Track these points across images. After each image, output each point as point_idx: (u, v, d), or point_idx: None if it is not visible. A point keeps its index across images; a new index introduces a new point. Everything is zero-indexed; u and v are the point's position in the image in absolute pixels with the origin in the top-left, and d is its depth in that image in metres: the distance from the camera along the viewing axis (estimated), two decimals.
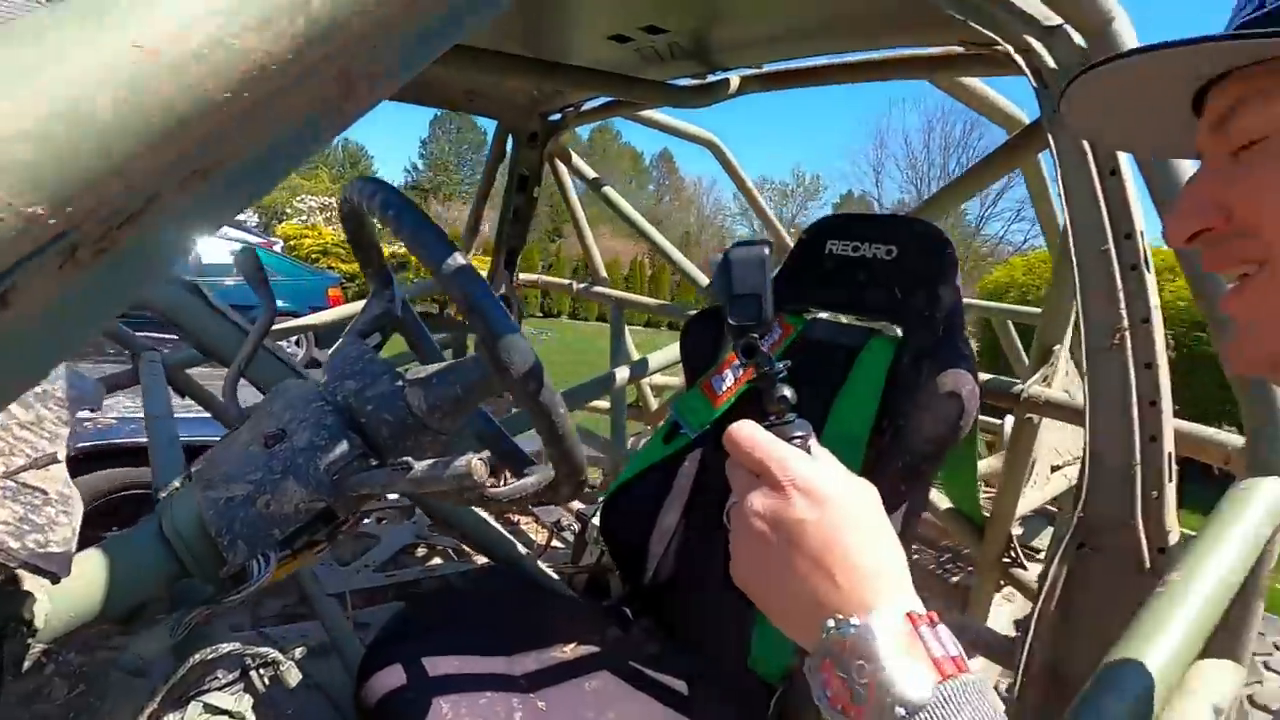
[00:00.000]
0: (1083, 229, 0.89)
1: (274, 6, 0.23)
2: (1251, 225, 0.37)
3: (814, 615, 0.39)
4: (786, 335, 1.27)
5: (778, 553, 0.41)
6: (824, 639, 0.37)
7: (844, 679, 0.36)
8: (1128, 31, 0.84)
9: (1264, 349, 0.39)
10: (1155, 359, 0.87)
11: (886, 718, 0.34)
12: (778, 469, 0.42)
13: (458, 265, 0.59)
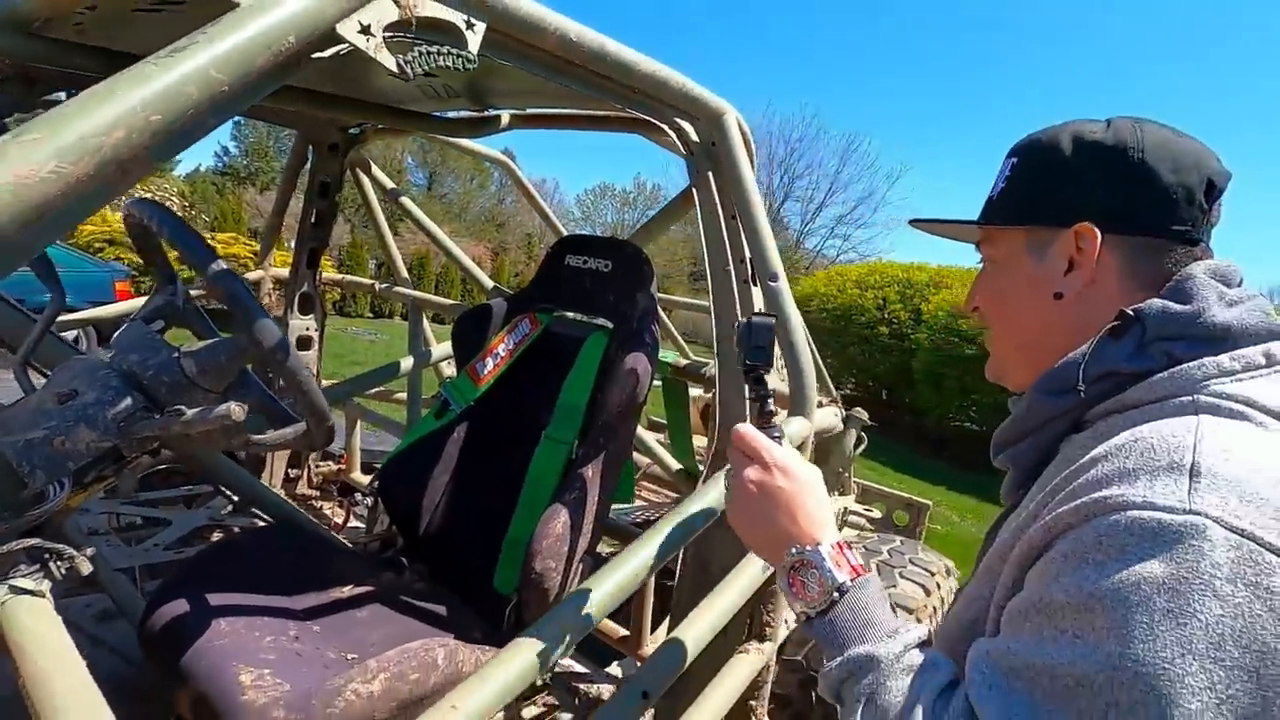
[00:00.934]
0: (714, 254, 1.29)
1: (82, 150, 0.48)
2: (981, 308, 0.75)
3: (782, 544, 0.67)
4: (535, 329, 1.59)
5: (760, 506, 0.69)
6: (789, 558, 0.66)
7: (802, 581, 0.64)
8: (733, 120, 1.24)
9: (992, 371, 0.76)
10: None
11: (826, 598, 0.62)
12: (765, 454, 0.71)
13: (221, 269, 0.83)
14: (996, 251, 0.73)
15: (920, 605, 1.99)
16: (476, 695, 0.69)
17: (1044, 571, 0.53)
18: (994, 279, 0.74)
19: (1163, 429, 0.54)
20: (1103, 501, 0.50)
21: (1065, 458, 0.62)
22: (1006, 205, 0.71)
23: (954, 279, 10.73)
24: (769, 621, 1.23)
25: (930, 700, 0.56)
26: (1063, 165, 0.67)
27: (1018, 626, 0.53)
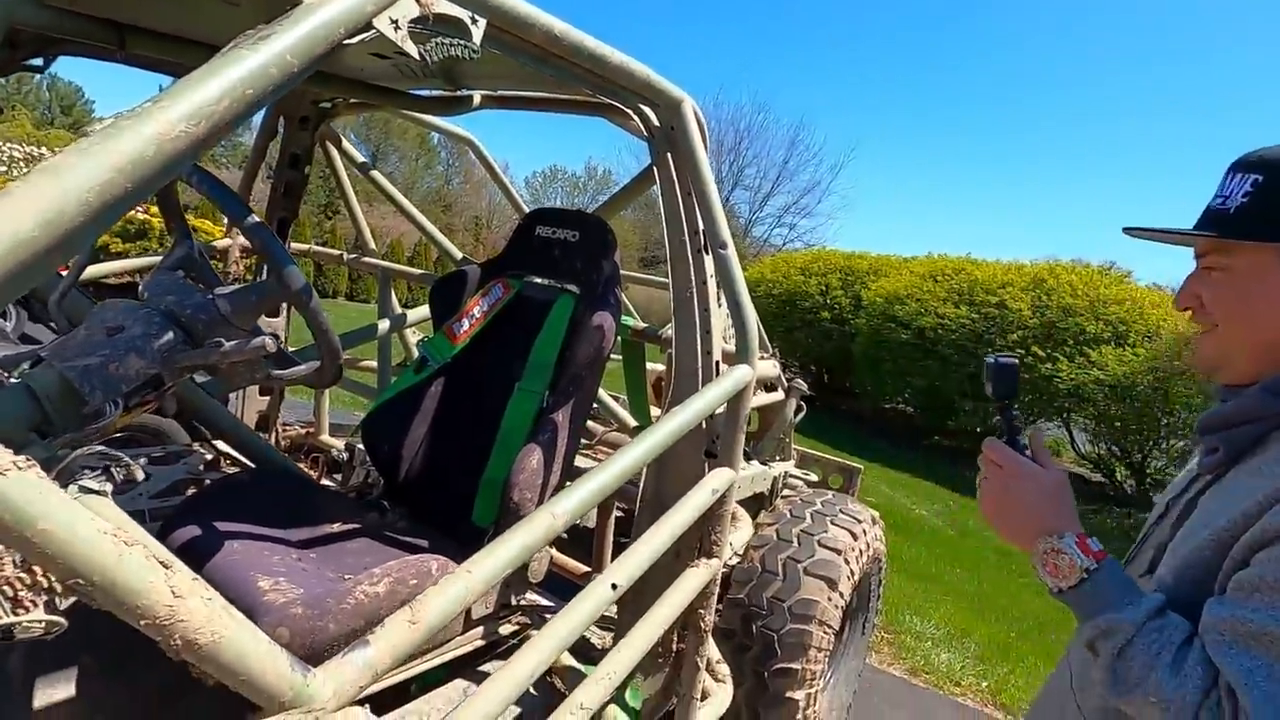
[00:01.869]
0: (672, 226, 1.47)
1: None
2: (1208, 310, 0.85)
3: (1034, 535, 0.84)
4: (508, 293, 1.74)
5: (1012, 506, 0.88)
6: (1043, 543, 0.83)
7: (1055, 563, 0.81)
8: (690, 108, 1.42)
9: (1209, 363, 0.87)
10: (709, 306, 1.47)
11: (1076, 576, 0.79)
12: (1016, 465, 0.89)
13: (254, 221, 0.96)
14: (1235, 262, 0.82)
15: (848, 547, 2.24)
16: (434, 605, 0.79)
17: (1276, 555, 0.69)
18: (1231, 286, 0.83)
19: None
20: None
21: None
22: (1256, 222, 0.79)
23: (891, 268, 11.23)
24: (716, 541, 1.43)
25: (1171, 654, 0.73)
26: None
27: (1249, 597, 0.69)
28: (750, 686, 2.09)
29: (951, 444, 9.98)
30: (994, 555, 5.55)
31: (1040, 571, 0.85)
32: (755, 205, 30.14)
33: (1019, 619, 4.24)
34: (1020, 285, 9.00)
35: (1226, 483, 0.83)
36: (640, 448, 1.12)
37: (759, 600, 2.12)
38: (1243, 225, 0.80)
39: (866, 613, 2.68)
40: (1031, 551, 0.86)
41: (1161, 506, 0.97)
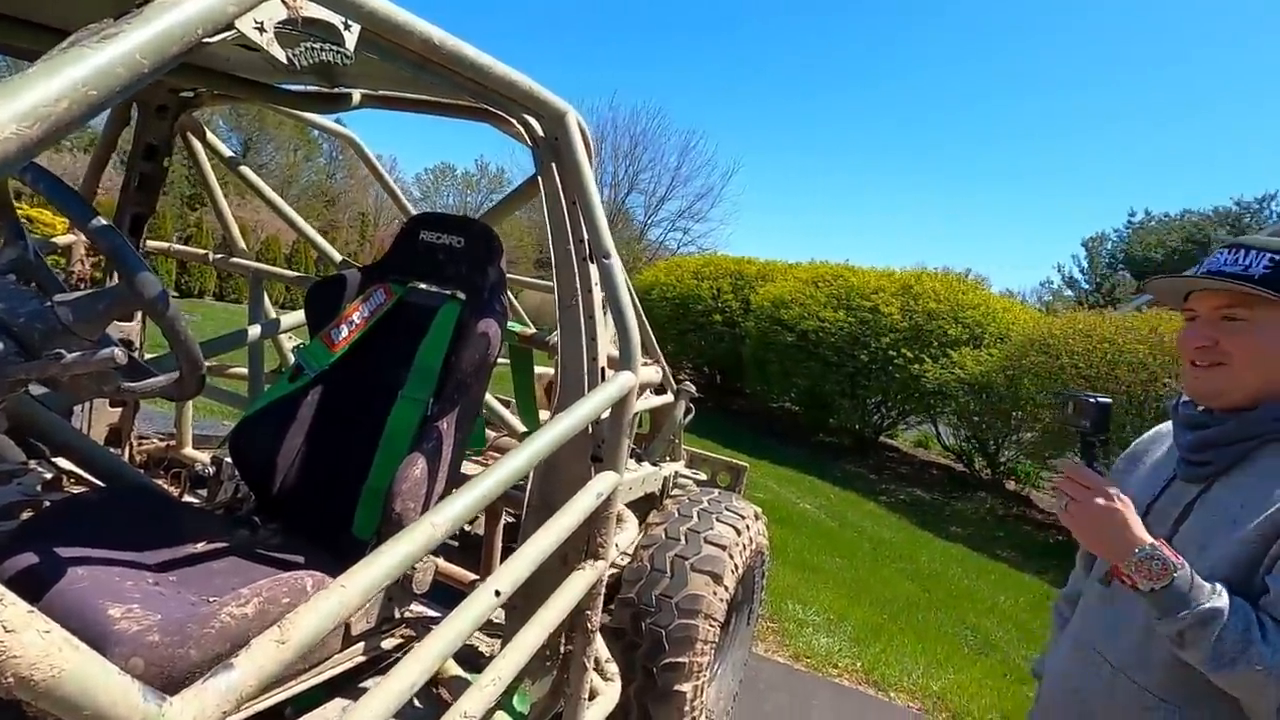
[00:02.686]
0: (557, 235, 1.49)
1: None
2: (1224, 350, 1.05)
3: (1129, 546, 1.00)
4: (390, 299, 1.70)
5: (1100, 520, 1.04)
6: (1137, 554, 0.99)
7: (1149, 569, 0.97)
8: (573, 120, 1.45)
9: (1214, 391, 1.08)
10: (594, 314, 1.50)
11: (1168, 577, 0.95)
12: (1102, 485, 1.06)
13: (101, 224, 0.90)
14: (1254, 315, 1.04)
15: (733, 542, 2.34)
16: (305, 624, 0.75)
17: None
18: (1248, 334, 1.05)
19: None
20: None
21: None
22: (1276, 285, 1.01)
23: (778, 273, 11.75)
24: (601, 543, 1.47)
25: (1257, 630, 0.93)
26: None
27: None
28: (640, 683, 2.14)
29: (833, 441, 10.58)
30: (868, 544, 5.94)
31: (1135, 577, 1.00)
32: (650, 209, 30.60)
33: (890, 601, 4.57)
34: (891, 291, 9.68)
35: (1221, 491, 1.07)
36: (524, 454, 1.14)
37: (648, 598, 2.18)
38: (1270, 284, 1.02)
39: (751, 604, 2.81)
40: (1126, 560, 1.01)
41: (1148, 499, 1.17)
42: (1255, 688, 0.94)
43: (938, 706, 3.29)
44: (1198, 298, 1.11)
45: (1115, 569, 1.04)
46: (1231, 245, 1.08)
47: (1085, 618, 1.26)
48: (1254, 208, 28.27)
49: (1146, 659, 1.09)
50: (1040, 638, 4.56)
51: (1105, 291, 29.47)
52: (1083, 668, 1.20)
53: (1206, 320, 1.09)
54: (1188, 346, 1.11)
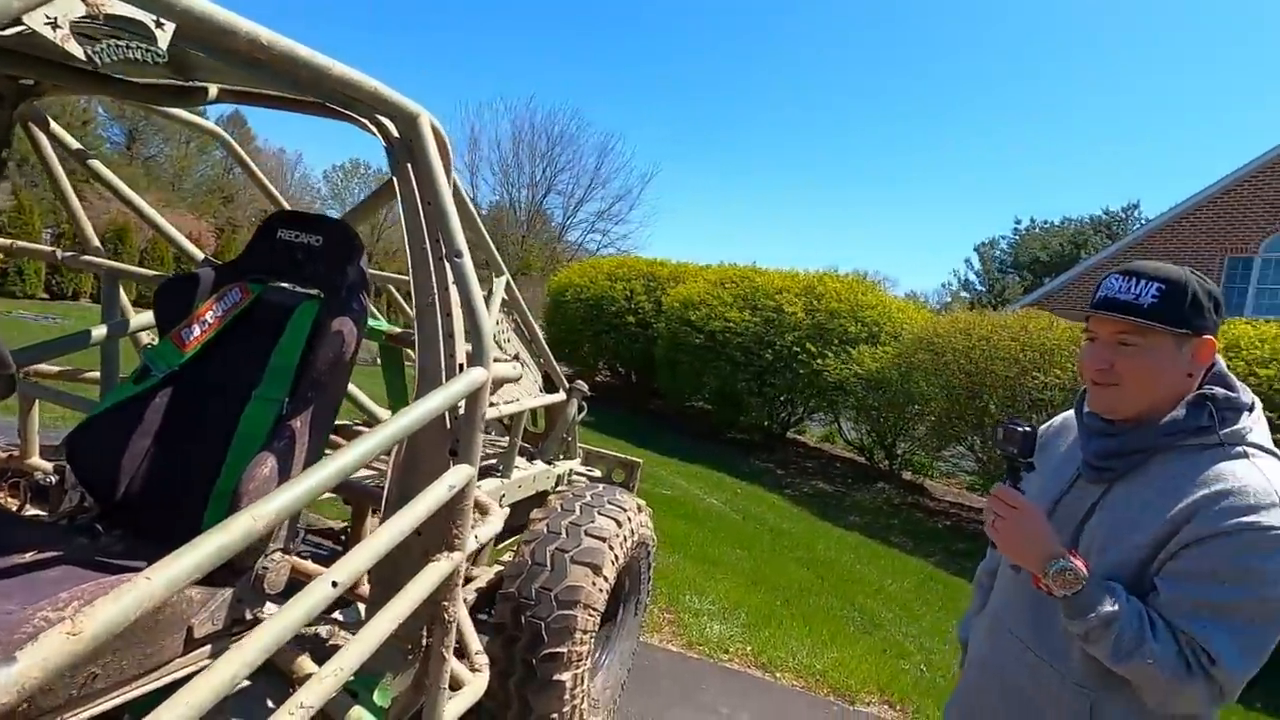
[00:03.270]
0: (413, 234, 1.52)
1: None
2: (1118, 372, 1.19)
3: (1046, 558, 1.15)
4: (246, 297, 1.67)
5: (1027, 539, 1.18)
6: (1053, 566, 1.14)
7: (1065, 578, 1.13)
8: (426, 122, 1.48)
9: (1110, 406, 1.23)
10: (451, 311, 1.53)
11: (1079, 584, 1.12)
12: (1023, 504, 1.21)
13: None
14: (1144, 340, 1.18)
15: (613, 535, 2.42)
16: (101, 616, 0.73)
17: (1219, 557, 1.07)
18: (1139, 357, 1.18)
19: (1251, 474, 1.10)
20: (1253, 525, 1.06)
21: (1172, 472, 1.16)
22: (1162, 315, 1.15)
23: (688, 275, 11.99)
24: (457, 535, 1.50)
25: (1149, 628, 1.09)
26: (1195, 298, 1.16)
27: (1187, 580, 1.10)
28: (520, 674, 2.18)
29: (744, 438, 10.90)
30: (768, 535, 6.18)
31: (1052, 585, 1.15)
32: (569, 211, 30.55)
33: (784, 588, 4.78)
34: (795, 291, 10.08)
35: (1120, 496, 1.22)
36: (362, 445, 1.16)
37: (528, 592, 2.23)
38: (1155, 316, 1.16)
39: (639, 595, 2.90)
40: (1043, 571, 1.16)
41: (1056, 494, 1.32)
42: (1147, 678, 1.11)
43: (820, 683, 3.49)
44: (1097, 321, 1.24)
45: (1035, 578, 1.18)
46: (1125, 272, 1.21)
47: (1004, 596, 1.39)
48: (1121, 216, 31.07)
49: (1065, 649, 1.23)
50: (921, 616, 4.89)
51: (997, 293, 31.63)
52: (1005, 653, 1.34)
53: (1104, 343, 1.23)
54: (1089, 367, 1.25)
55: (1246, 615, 1.07)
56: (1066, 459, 1.36)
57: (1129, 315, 1.17)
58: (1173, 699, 1.12)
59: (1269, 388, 5.39)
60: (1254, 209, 13.24)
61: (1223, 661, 1.06)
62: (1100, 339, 1.24)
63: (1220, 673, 1.07)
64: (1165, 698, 1.13)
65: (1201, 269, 9.52)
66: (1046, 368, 6.88)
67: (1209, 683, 1.08)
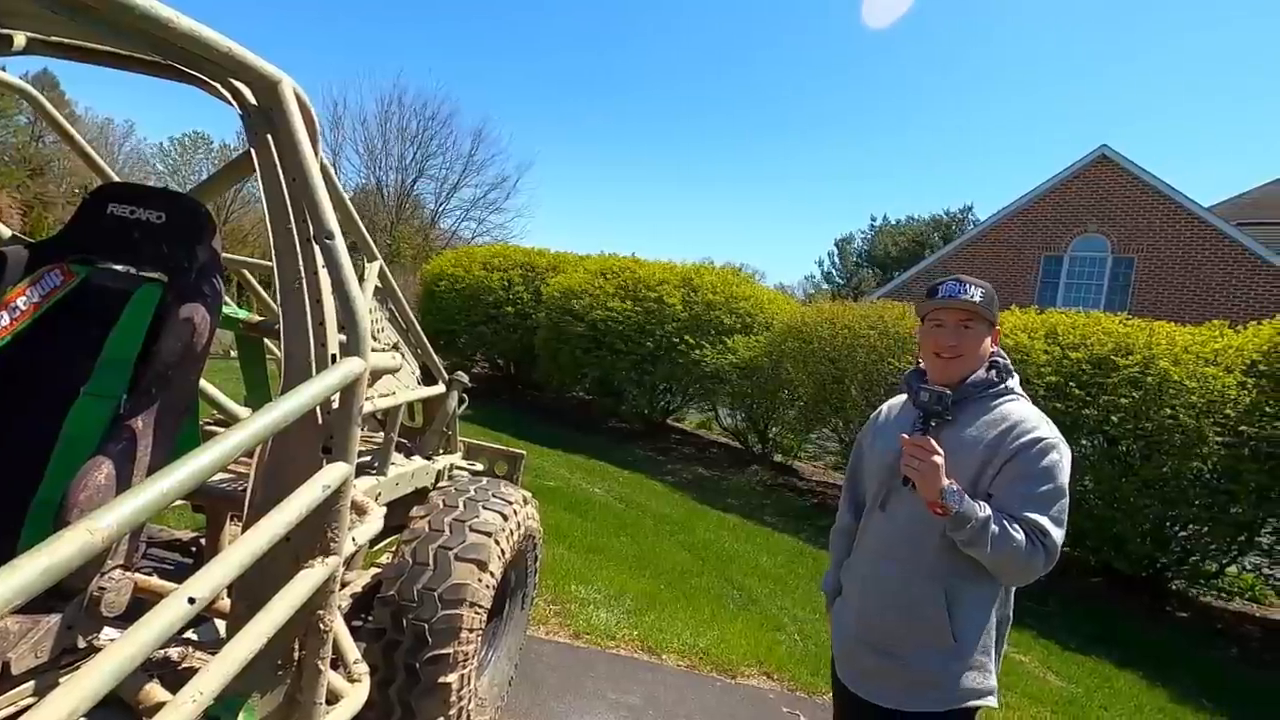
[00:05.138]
0: (275, 214, 1.39)
1: None
2: (963, 348, 1.69)
3: (940, 488, 1.55)
4: (69, 280, 1.46)
5: (935, 472, 1.56)
6: (949, 492, 1.54)
7: (955, 499, 1.54)
8: (289, 89, 1.36)
9: (951, 375, 1.71)
10: (321, 297, 1.42)
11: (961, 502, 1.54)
12: (933, 448, 1.58)
13: None
14: (975, 326, 1.69)
15: (499, 529, 2.36)
16: None
17: (1027, 464, 1.58)
18: (972, 338, 1.69)
19: (1027, 409, 1.66)
20: (1041, 438, 1.59)
21: (988, 417, 1.65)
22: (985, 309, 1.67)
23: (568, 264, 11.92)
24: (334, 539, 1.40)
25: (1008, 526, 1.53)
26: (993, 300, 1.70)
27: (1025, 483, 1.57)
28: (402, 681, 2.08)
29: (623, 426, 11.02)
30: (651, 521, 6.30)
31: (949, 504, 1.53)
32: (442, 197, 29.38)
33: (666, 572, 4.90)
34: (674, 283, 10.29)
35: (946, 438, 1.64)
36: (222, 444, 1.05)
37: (409, 594, 2.12)
38: (983, 310, 1.68)
39: (525, 588, 2.85)
40: (942, 495, 1.54)
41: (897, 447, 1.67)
42: (1010, 559, 1.53)
43: (703, 661, 3.61)
44: (943, 312, 1.72)
45: (932, 503, 1.56)
46: (956, 279, 1.71)
47: (874, 537, 1.80)
48: (958, 216, 34.38)
49: (925, 557, 1.66)
50: (794, 589, 5.18)
51: (854, 285, 34.01)
52: (882, 567, 1.75)
53: (951, 328, 1.70)
54: (940, 344, 1.71)
55: (1053, 498, 1.57)
56: (901, 421, 1.82)
57: (968, 307, 1.68)
58: (1025, 573, 1.57)
59: (1078, 368, 6.18)
60: (1064, 213, 15.11)
61: (1051, 534, 1.54)
62: (947, 325, 1.71)
63: (1050, 541, 1.54)
64: (1020, 573, 1.58)
65: (1022, 265, 10.78)
66: (901, 354, 7.48)
67: (1046, 553, 1.54)
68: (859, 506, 1.94)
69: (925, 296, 1.78)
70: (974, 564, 1.62)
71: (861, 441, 2.00)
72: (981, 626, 1.67)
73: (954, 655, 1.65)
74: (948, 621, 1.64)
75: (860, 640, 1.79)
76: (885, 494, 1.79)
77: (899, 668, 1.70)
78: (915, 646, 1.68)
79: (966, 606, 1.65)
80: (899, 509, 1.74)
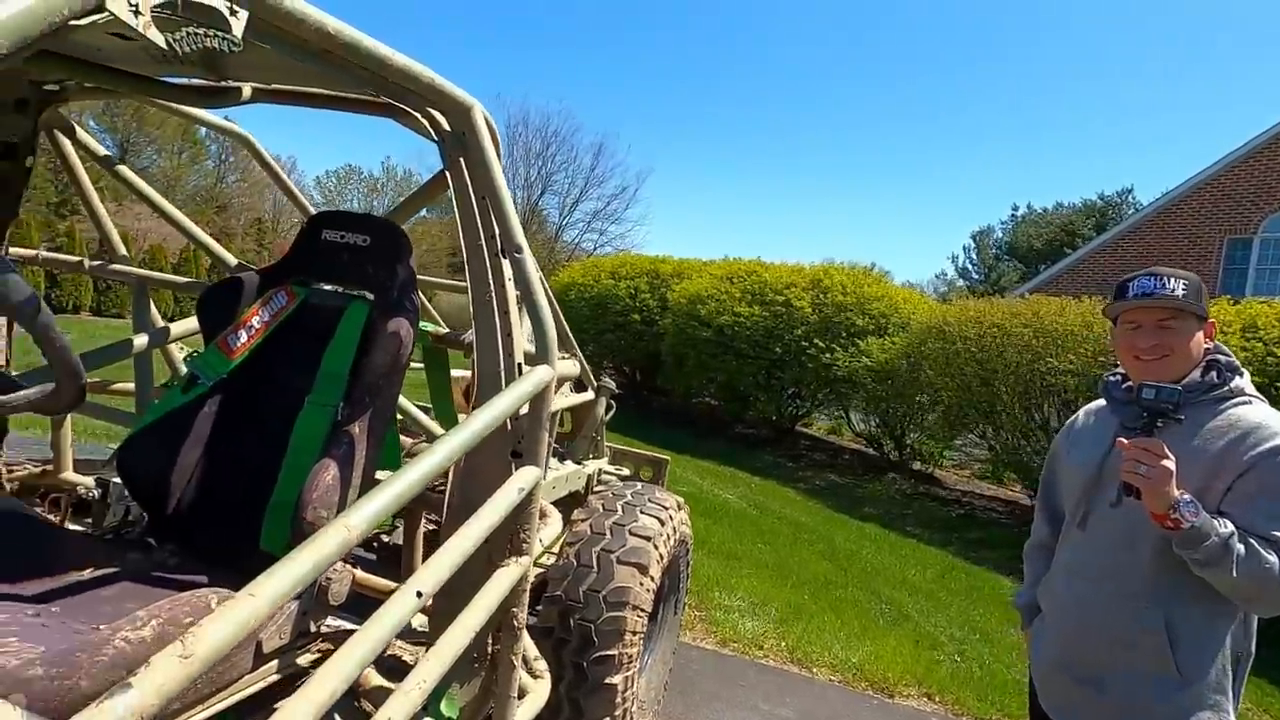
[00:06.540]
0: (468, 231, 1.47)
1: None
2: (1169, 347, 1.50)
3: (1173, 498, 1.35)
4: (292, 301, 1.63)
5: (1166, 479, 1.35)
6: (1183, 503, 1.35)
7: (1192, 510, 1.35)
8: (480, 113, 1.44)
9: (1167, 374, 1.51)
10: (509, 308, 1.49)
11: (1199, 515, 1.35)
12: (1165, 452, 1.37)
13: None
14: (1179, 323, 1.50)
15: (657, 533, 2.38)
16: (211, 636, 0.70)
17: (1266, 475, 1.37)
18: (1178, 336, 1.50)
19: (1267, 413, 1.44)
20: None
21: (1214, 424, 1.46)
22: (1190, 302, 1.47)
23: (693, 270, 11.95)
24: (525, 539, 1.46)
25: (1261, 545, 1.34)
26: (1200, 291, 1.50)
27: (1267, 498, 1.37)
28: (570, 679, 2.14)
29: (751, 432, 10.87)
30: (788, 528, 6.15)
31: (1183, 517, 1.35)
32: (565, 211, 30.47)
33: (809, 582, 4.75)
34: (802, 285, 10.03)
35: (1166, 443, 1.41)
36: (440, 451, 1.12)
37: (575, 594, 2.18)
38: (1187, 306, 1.49)
39: (678, 593, 2.86)
40: (1174, 507, 1.35)
41: (1099, 459, 1.58)
42: (1262, 582, 1.33)
43: (857, 677, 3.45)
44: (1138, 313, 1.54)
45: (1160, 515, 1.37)
46: (1150, 274, 1.53)
47: (1074, 554, 1.64)
48: (1115, 201, 31.10)
49: (1137, 578, 1.50)
50: (947, 605, 4.86)
51: (993, 281, 31.65)
52: (1082, 588, 1.60)
53: (1150, 329, 1.53)
54: (1140, 346, 1.54)
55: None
56: (1097, 432, 1.66)
57: (1170, 304, 1.49)
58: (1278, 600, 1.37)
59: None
60: (1253, 189, 13.24)
61: None
62: (1145, 326, 1.53)
63: None
64: (1273, 602, 1.38)
65: (1199, 252, 9.52)
66: (1060, 353, 6.85)
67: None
68: (1056, 520, 1.77)
69: (1114, 296, 1.59)
70: (1200, 586, 1.43)
71: (1056, 451, 1.83)
72: (1213, 658, 1.47)
73: (1178, 687, 1.47)
74: (1168, 649, 1.46)
75: (1060, 665, 1.65)
76: (1085, 511, 1.62)
77: (1101, 696, 1.55)
78: (1126, 674, 1.52)
79: (1193, 634, 1.47)
80: (1102, 525, 1.58)
